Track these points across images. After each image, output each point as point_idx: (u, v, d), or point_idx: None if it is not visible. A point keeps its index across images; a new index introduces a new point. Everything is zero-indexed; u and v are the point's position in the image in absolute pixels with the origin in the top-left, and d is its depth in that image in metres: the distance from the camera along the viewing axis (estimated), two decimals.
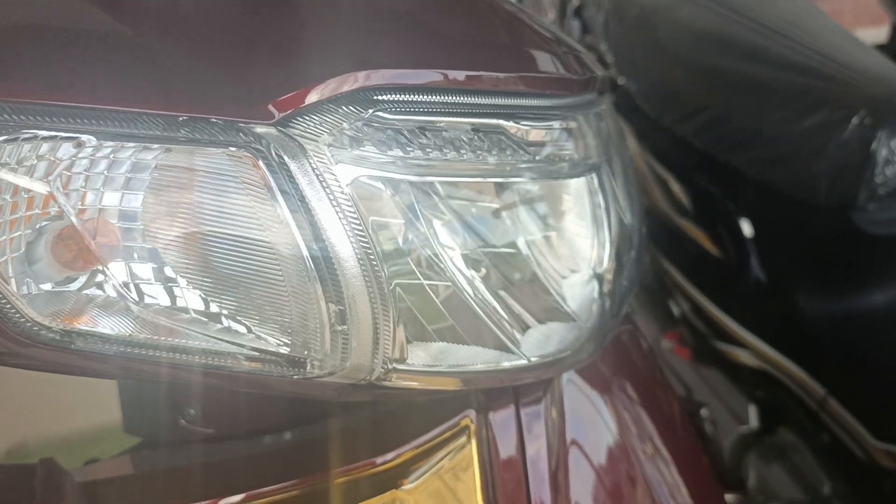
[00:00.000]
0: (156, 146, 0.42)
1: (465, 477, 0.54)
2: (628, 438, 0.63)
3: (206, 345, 0.45)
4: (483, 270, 0.54)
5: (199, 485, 0.52)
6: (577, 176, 0.57)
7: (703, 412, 1.59)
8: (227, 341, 0.45)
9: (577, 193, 0.59)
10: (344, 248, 0.45)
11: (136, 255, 0.44)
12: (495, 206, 0.55)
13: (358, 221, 0.46)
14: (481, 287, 0.53)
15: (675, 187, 1.58)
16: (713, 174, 1.51)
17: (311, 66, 0.45)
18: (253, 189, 0.44)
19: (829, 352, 1.34)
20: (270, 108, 0.43)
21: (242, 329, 0.46)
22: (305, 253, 0.44)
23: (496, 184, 0.55)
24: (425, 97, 0.48)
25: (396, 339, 0.49)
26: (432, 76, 0.47)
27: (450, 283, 0.51)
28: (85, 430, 0.67)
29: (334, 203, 0.45)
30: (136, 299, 0.44)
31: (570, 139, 0.55)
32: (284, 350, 0.46)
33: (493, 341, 0.54)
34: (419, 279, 0.50)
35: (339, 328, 0.46)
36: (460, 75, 0.48)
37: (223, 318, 0.45)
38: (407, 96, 0.47)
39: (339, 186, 0.45)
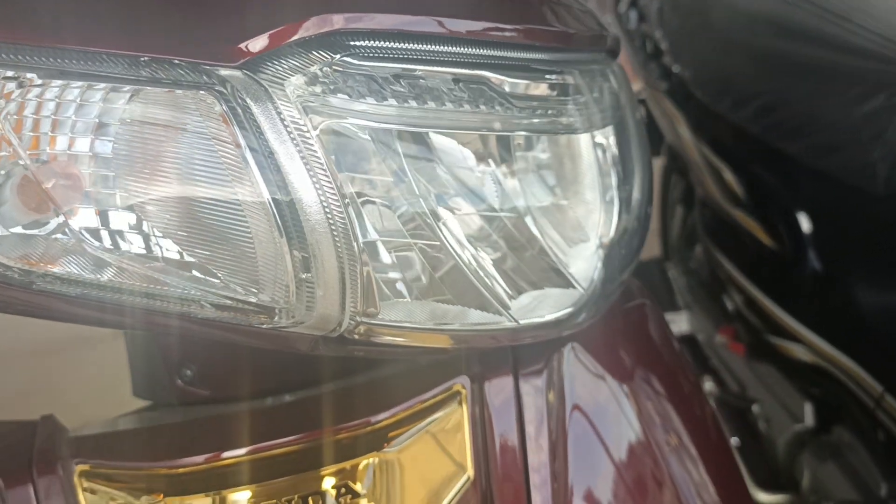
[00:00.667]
0: (124, 88, 0.42)
1: (455, 441, 0.53)
2: (642, 417, 0.61)
3: (175, 292, 0.45)
4: (475, 232, 0.53)
5: (192, 441, 0.53)
6: (572, 132, 0.55)
7: (755, 408, 1.54)
8: (197, 288, 0.45)
9: (587, 162, 0.58)
10: (308, 195, 0.44)
11: (102, 202, 0.44)
12: (499, 168, 0.53)
13: (324, 169, 0.45)
14: (471, 249, 0.52)
15: (729, 177, 1.53)
16: (768, 163, 1.46)
17: (280, 7, 0.44)
18: (216, 132, 0.43)
19: (888, 347, 1.28)
20: (236, 49, 0.42)
21: (212, 277, 0.46)
22: (268, 198, 0.44)
23: (500, 146, 0.54)
24: (401, 44, 0.47)
25: (367, 292, 0.48)
26: (410, 22, 0.46)
27: (436, 244, 0.50)
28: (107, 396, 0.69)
29: (299, 149, 0.44)
30: (107, 246, 0.44)
31: (566, 96, 0.54)
32: (252, 298, 0.46)
33: (480, 302, 0.53)
34: (400, 237, 0.49)
35: (304, 276, 0.46)
36: (441, 23, 0.47)
37: (193, 268, 0.45)
38: (381, 42, 0.46)
39: (305, 132, 0.44)
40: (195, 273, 0.45)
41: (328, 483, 0.51)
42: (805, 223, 1.41)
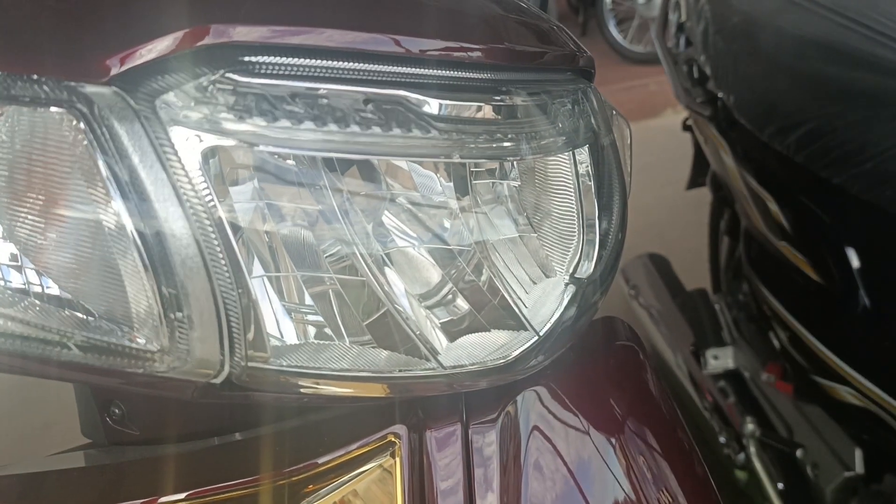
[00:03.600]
0: None
1: (385, 497, 0.49)
2: (629, 473, 0.55)
3: (41, 334, 0.42)
4: (411, 270, 0.49)
5: (104, 487, 0.50)
6: (516, 156, 0.50)
7: (800, 453, 1.45)
8: (67, 329, 0.42)
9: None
10: (178, 227, 0.40)
11: None
12: (450, 198, 0.49)
13: (199, 199, 0.41)
14: (399, 288, 0.48)
15: (775, 208, 1.46)
16: (815, 193, 1.39)
17: (157, 16, 0.40)
18: (77, 156, 0.40)
19: None
20: (104, 64, 0.39)
21: (85, 315, 0.42)
22: (131, 230, 0.40)
23: (454, 172, 0.50)
24: (299, 60, 0.42)
25: (257, 334, 0.44)
26: (309, 36, 0.42)
27: (359, 279, 0.47)
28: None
29: (171, 174, 0.40)
30: None
31: (512, 118, 0.49)
32: (127, 342, 0.43)
33: (406, 346, 0.48)
34: (308, 272, 0.46)
35: (175, 315, 0.42)
36: (352, 37, 0.42)
37: (66, 305, 0.42)
38: (274, 58, 0.42)
39: (179, 157, 0.40)
40: (67, 311, 0.42)
41: None
42: (854, 258, 1.33)
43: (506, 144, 0.49)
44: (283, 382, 0.46)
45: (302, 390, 0.46)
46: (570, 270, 0.54)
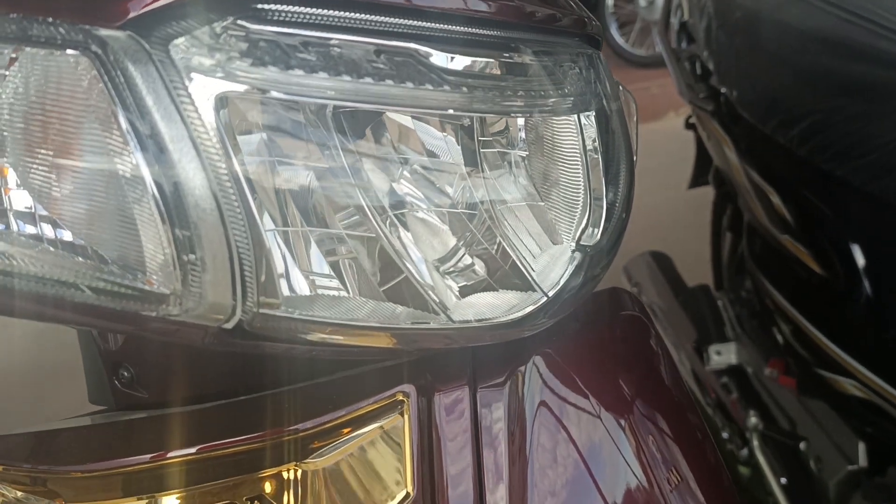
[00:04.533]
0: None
1: (394, 456, 0.49)
2: (637, 451, 0.56)
3: (56, 273, 0.42)
4: (423, 227, 0.49)
5: (98, 445, 0.50)
6: (525, 114, 0.51)
7: (803, 446, 1.45)
8: (80, 271, 0.42)
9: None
10: (194, 175, 0.40)
11: None
12: (461, 160, 0.50)
13: (213, 143, 0.41)
14: (412, 246, 0.48)
15: (777, 201, 1.46)
16: (818, 186, 1.39)
17: None
18: (92, 100, 0.40)
19: None
20: (120, 8, 0.39)
21: (98, 260, 0.43)
22: (148, 176, 0.40)
23: (464, 133, 0.50)
24: (310, 8, 0.42)
25: (268, 281, 0.44)
26: None
27: (371, 236, 0.47)
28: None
29: (186, 119, 0.40)
30: None
31: (521, 76, 0.49)
32: (141, 284, 0.43)
33: (416, 302, 0.49)
34: (322, 227, 0.46)
35: (188, 257, 0.42)
36: None
37: (78, 250, 0.42)
38: (286, 6, 0.42)
39: (194, 103, 0.40)
40: (80, 258, 0.42)
41: (241, 493, 0.48)
42: (857, 250, 1.34)
43: (515, 102, 0.49)
44: (293, 330, 0.46)
45: (311, 338, 0.47)
46: (577, 238, 0.54)
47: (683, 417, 0.61)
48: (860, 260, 1.34)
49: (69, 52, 0.40)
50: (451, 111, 0.48)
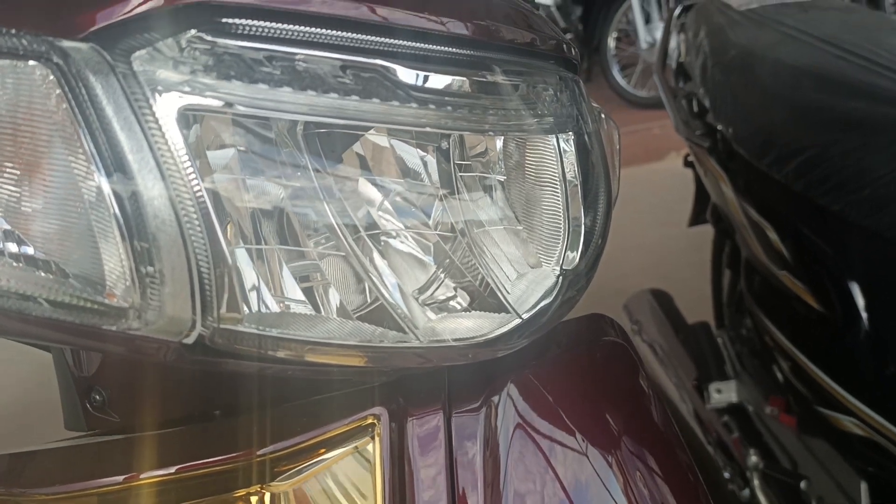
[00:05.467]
0: None
1: (364, 481, 0.48)
2: (621, 479, 0.54)
3: (19, 287, 0.42)
4: (396, 248, 0.49)
5: (85, 464, 0.49)
6: (498, 133, 0.50)
7: (804, 485, 1.43)
8: (37, 284, 0.42)
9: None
10: (154, 187, 0.40)
11: None
12: (437, 181, 0.50)
13: (174, 157, 0.40)
14: (383, 267, 0.48)
15: (774, 236, 1.46)
16: (814, 222, 1.39)
17: None
18: (51, 110, 0.40)
19: None
20: (82, 19, 0.39)
21: (55, 273, 0.42)
22: (106, 188, 0.40)
23: (439, 154, 0.50)
24: (275, 23, 0.42)
25: (230, 295, 0.43)
26: (290, 2, 0.42)
27: (333, 254, 0.47)
28: None
29: (147, 133, 0.40)
30: None
31: (491, 94, 0.49)
32: (101, 298, 0.42)
33: (385, 321, 0.48)
34: (287, 244, 0.46)
35: (146, 269, 0.41)
36: (329, 3, 0.43)
37: (39, 262, 0.42)
38: (250, 20, 0.42)
39: (156, 116, 0.40)
40: (41, 272, 0.42)
41: None
42: (855, 286, 1.33)
43: (486, 121, 0.49)
44: (257, 346, 0.45)
45: (277, 355, 0.46)
46: (556, 261, 0.54)
47: (672, 453, 0.60)
48: (858, 296, 1.33)
49: (31, 62, 0.40)
50: (420, 128, 0.48)
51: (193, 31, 0.41)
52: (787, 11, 1.63)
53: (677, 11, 1.90)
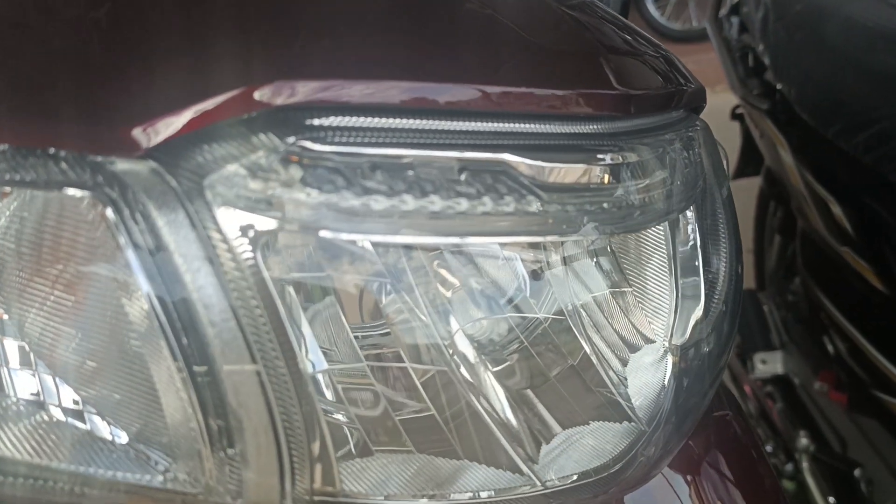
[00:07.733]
0: None
1: None
2: None
3: (72, 467, 0.35)
4: (490, 350, 0.41)
5: None
6: (639, 229, 0.42)
7: (857, 473, 1.37)
8: (100, 465, 0.35)
9: (653, 238, 0.45)
10: (235, 354, 0.32)
11: None
12: (532, 263, 0.42)
13: (256, 302, 0.33)
14: (482, 376, 0.40)
15: (837, 210, 1.37)
16: (884, 197, 1.30)
17: (203, 71, 0.32)
18: (102, 251, 0.32)
19: None
20: (137, 134, 0.30)
21: (119, 439, 0.35)
22: (174, 348, 0.32)
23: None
24: (379, 120, 0.34)
25: (324, 465, 0.36)
26: (390, 91, 0.33)
27: (442, 369, 0.39)
28: None
29: (220, 274, 0.32)
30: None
31: (629, 178, 0.41)
32: (170, 479, 0.35)
33: (493, 454, 0.41)
34: (375, 382, 0.38)
35: (226, 452, 0.35)
36: (437, 90, 0.34)
37: (98, 427, 0.35)
38: (350, 119, 0.33)
39: (231, 252, 0.32)
40: (102, 435, 0.35)
41: None
42: None
43: (618, 211, 0.40)
44: None
45: None
46: (670, 335, 0.46)
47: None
48: None
49: (73, 192, 0.31)
50: (551, 237, 0.39)
51: (290, 141, 0.32)
52: None
53: None
